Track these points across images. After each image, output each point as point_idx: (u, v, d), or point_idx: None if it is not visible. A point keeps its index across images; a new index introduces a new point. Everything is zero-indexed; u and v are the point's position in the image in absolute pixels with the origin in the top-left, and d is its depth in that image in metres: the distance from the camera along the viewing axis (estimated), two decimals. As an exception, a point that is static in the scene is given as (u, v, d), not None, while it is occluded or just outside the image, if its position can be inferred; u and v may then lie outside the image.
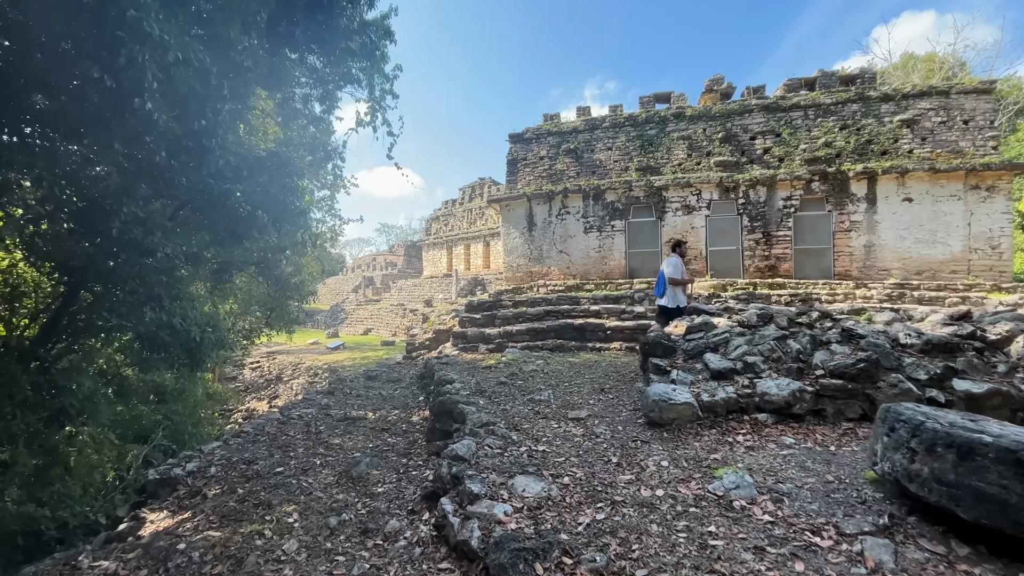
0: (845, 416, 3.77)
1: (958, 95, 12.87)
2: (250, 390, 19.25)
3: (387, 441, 5.09)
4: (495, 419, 4.21)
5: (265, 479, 4.12)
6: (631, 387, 5.23)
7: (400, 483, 3.96)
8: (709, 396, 4.00)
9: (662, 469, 3.16)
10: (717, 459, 3.26)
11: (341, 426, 5.63)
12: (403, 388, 7.86)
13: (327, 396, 7.37)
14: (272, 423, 5.72)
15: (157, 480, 3.99)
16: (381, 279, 39.18)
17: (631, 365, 6.53)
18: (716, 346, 4.72)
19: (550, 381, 5.75)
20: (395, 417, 6.02)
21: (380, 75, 8.49)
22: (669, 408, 3.85)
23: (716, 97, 15.55)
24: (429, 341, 12.20)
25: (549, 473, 3.19)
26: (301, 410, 6.34)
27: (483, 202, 31.84)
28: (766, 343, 4.37)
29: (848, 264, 13.19)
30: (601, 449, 3.59)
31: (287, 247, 8.71)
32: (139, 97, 3.23)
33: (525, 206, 15.88)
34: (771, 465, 3.09)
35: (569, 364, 6.74)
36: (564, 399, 4.93)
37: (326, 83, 8.15)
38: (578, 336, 8.73)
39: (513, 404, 4.85)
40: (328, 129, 9.01)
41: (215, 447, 4.84)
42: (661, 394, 3.93)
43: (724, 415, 3.95)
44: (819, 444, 3.43)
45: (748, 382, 4.10)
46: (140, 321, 5.82)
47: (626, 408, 4.52)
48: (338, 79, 8.18)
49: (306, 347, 23.03)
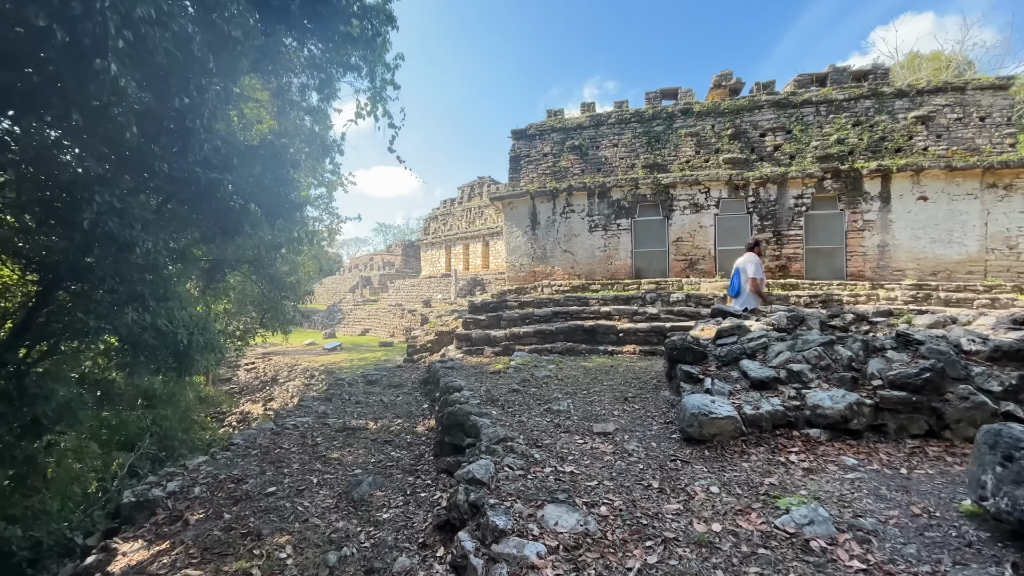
0: (908, 432, 3.35)
1: (974, 91, 12.53)
2: (244, 392, 18.75)
3: (391, 455, 4.65)
4: (512, 433, 3.78)
5: (255, 501, 3.68)
6: (656, 396, 4.81)
7: (408, 507, 3.52)
8: (752, 409, 3.58)
9: (713, 496, 2.74)
10: (774, 484, 2.84)
11: (340, 437, 5.18)
12: (405, 394, 7.41)
13: (324, 403, 6.91)
14: (264, 434, 5.27)
15: (133, 503, 3.54)
16: (379, 279, 38.69)
17: (650, 370, 6.11)
18: (753, 352, 4.30)
19: (566, 388, 5.32)
20: (398, 427, 5.58)
21: (381, 64, 8.06)
22: (710, 423, 3.43)
23: (724, 93, 15.16)
24: (431, 343, 11.76)
25: (583, 501, 2.76)
26: (296, 419, 5.89)
27: (482, 201, 31.42)
28: (812, 349, 3.96)
29: (861, 264, 12.83)
30: (637, 470, 3.17)
31: (282, 244, 8.26)
32: (101, 58, 2.77)
33: (528, 204, 15.46)
34: (841, 493, 2.67)
35: (583, 369, 6.31)
36: (585, 409, 4.50)
37: (324, 71, 7.72)
38: (588, 339, 8.31)
39: (529, 415, 4.42)
40: (326, 121, 8.56)
41: (200, 463, 4.38)
42: (700, 407, 3.51)
43: (770, 430, 3.54)
44: (886, 466, 3.02)
45: (795, 393, 3.68)
46: (121, 323, 5.36)
47: (656, 421, 4.10)
48: (337, 67, 7.75)
49: (302, 348, 22.54)
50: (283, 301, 12.14)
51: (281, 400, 16.01)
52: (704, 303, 9.25)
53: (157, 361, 7.01)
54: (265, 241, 8.23)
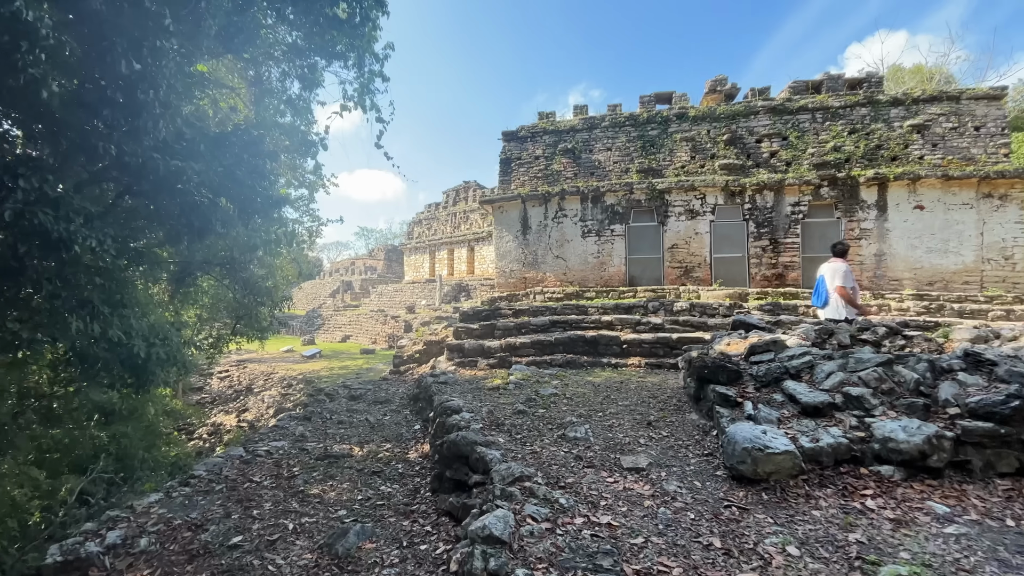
0: (995, 470, 2.88)
1: (968, 101, 12.51)
2: (217, 402, 17.70)
3: (381, 490, 4.01)
4: (529, 470, 3.19)
5: (216, 557, 3.00)
6: (682, 419, 4.28)
7: (406, 565, 2.89)
8: (811, 441, 3.07)
9: (794, 561, 2.20)
10: (863, 543, 2.32)
11: (321, 467, 4.51)
12: (393, 411, 6.74)
13: (302, 423, 6.20)
14: (232, 463, 4.56)
15: (59, 564, 2.83)
16: (360, 284, 37.68)
17: (665, 387, 5.59)
18: (798, 371, 3.81)
19: (578, 409, 4.76)
20: (388, 453, 4.92)
21: (369, 53, 7.46)
22: (766, 459, 2.90)
23: (719, 98, 14.93)
24: (419, 353, 11.08)
25: (633, 569, 2.19)
26: (270, 442, 5.19)
27: (467, 206, 30.85)
28: (869, 370, 3.48)
29: (858, 274, 12.60)
30: (688, 521, 2.61)
31: (258, 246, 7.52)
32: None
33: (519, 208, 14.94)
34: (953, 557, 2.16)
35: (591, 386, 5.76)
36: (606, 436, 3.94)
37: (307, 58, 7.07)
38: (590, 350, 7.78)
39: (542, 443, 3.84)
40: (308, 114, 7.87)
41: (152, 503, 3.66)
42: (752, 439, 2.98)
43: (832, 466, 3.03)
44: (986, 515, 2.53)
45: (857, 422, 3.18)
46: (65, 333, 4.61)
47: (691, 452, 3.56)
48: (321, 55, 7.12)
49: (280, 355, 21.51)
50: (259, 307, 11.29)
51: (256, 411, 15.09)
52: (709, 312, 8.81)
53: (111, 376, 6.23)
54: (239, 242, 7.49)
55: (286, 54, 6.99)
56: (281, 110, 7.85)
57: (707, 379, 4.12)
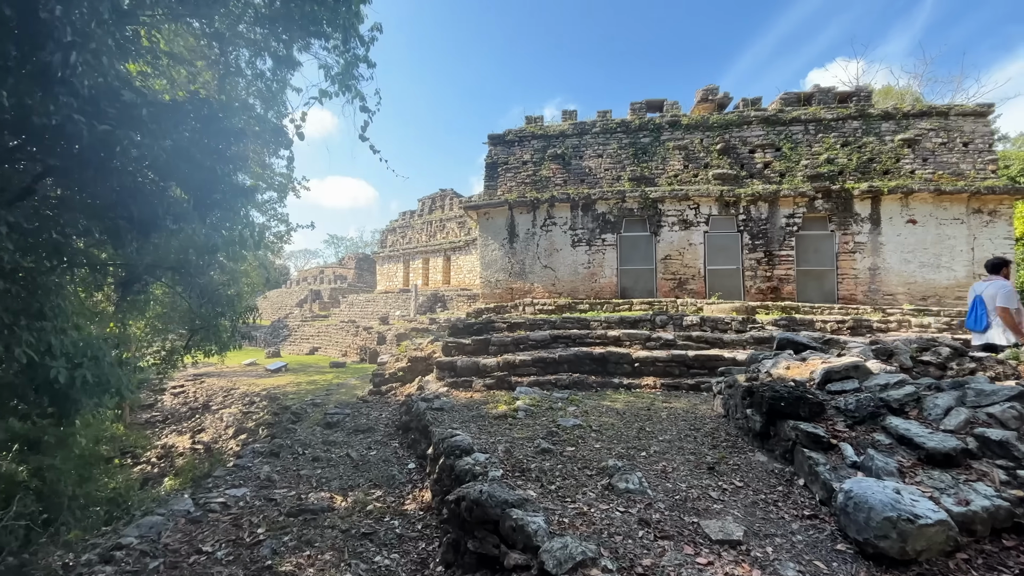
0: None
1: (956, 117, 12.57)
2: (169, 421, 15.98)
3: (376, 564, 3.06)
4: (590, 547, 2.33)
5: None
6: (747, 461, 3.51)
7: None
8: (957, 504, 2.35)
9: None
10: None
11: (293, 527, 3.51)
12: (379, 444, 5.74)
13: (268, 460, 5.13)
14: (176, 522, 3.51)
15: None
16: (330, 293, 36.03)
17: (697, 414, 4.85)
18: (901, 406, 3.10)
19: (614, 447, 3.94)
20: (379, 504, 3.96)
21: (354, 33, 6.57)
22: (917, 533, 2.15)
23: (711, 107, 14.65)
24: (403, 371, 10.05)
25: None
26: (227, 490, 4.14)
27: (444, 214, 29.95)
28: (1000, 405, 2.81)
29: (852, 287, 12.41)
30: (845, 638, 1.82)
31: (219, 247, 6.40)
32: None
33: (506, 215, 14.17)
34: None
35: (615, 413, 4.96)
36: (664, 487, 3.13)
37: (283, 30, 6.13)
38: (599, 369, 7.00)
39: (586, 497, 3.00)
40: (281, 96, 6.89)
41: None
42: (893, 504, 2.23)
43: (988, 537, 2.31)
44: None
45: (1007, 476, 2.49)
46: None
47: (785, 512, 2.78)
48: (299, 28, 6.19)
49: (241, 368, 19.89)
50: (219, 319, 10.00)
51: (213, 431, 13.59)
52: (721, 328, 8.20)
53: (27, 402, 5.06)
54: (195, 241, 6.36)
55: (258, 24, 6.03)
56: (251, 93, 6.85)
57: (781, 412, 3.38)
